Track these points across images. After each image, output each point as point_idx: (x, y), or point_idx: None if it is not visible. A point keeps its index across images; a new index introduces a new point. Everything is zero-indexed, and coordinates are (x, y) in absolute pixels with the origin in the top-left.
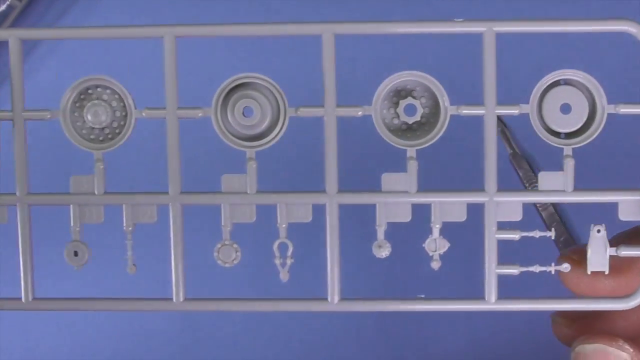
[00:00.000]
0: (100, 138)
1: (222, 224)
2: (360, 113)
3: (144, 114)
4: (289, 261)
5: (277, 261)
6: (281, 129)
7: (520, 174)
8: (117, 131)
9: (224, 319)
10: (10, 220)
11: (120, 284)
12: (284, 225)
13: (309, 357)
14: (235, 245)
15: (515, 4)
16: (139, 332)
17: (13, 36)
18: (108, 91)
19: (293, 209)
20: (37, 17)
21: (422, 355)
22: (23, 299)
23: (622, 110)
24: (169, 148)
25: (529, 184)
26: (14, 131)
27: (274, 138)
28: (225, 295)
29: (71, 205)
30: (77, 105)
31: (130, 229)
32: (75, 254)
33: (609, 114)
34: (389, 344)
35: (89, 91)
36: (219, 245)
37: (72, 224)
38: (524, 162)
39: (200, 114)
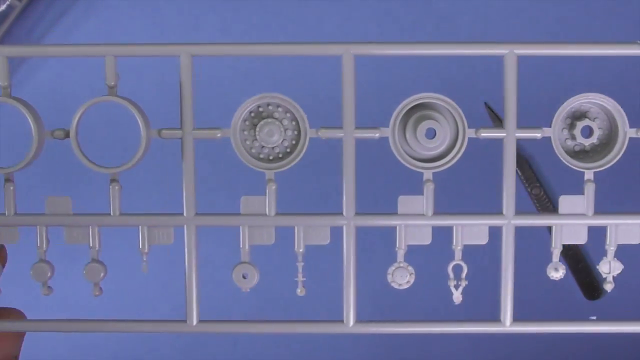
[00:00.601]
0: (270, 157)
1: (241, 245)
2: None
3: (319, 134)
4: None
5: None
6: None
7: (520, 174)
8: (287, 150)
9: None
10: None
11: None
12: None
13: (308, 357)
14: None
15: (515, 3)
16: (140, 332)
17: (185, 53)
18: (280, 109)
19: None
20: (37, 17)
21: (422, 355)
22: (188, 321)
23: None
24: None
25: (529, 184)
26: (183, 149)
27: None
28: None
29: (241, 227)
30: (247, 123)
31: (300, 250)
32: (244, 276)
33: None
34: (389, 344)
35: (260, 109)
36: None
37: (241, 245)
38: (524, 162)
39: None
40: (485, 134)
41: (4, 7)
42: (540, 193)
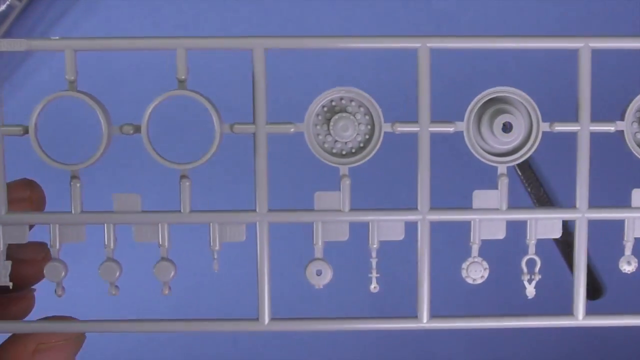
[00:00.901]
0: (343, 152)
1: (314, 242)
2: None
3: (394, 129)
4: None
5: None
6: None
7: (520, 174)
8: (361, 145)
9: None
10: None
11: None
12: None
13: (308, 357)
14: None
15: (515, 3)
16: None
17: (258, 46)
18: (353, 103)
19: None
20: (37, 17)
21: (422, 355)
22: (260, 320)
23: None
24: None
25: (529, 184)
26: (255, 144)
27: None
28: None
29: (314, 223)
30: (319, 118)
31: (374, 246)
32: (318, 273)
33: None
34: (389, 343)
35: (333, 103)
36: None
37: (314, 242)
38: (524, 162)
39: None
40: (560, 127)
41: (4, 7)
42: (540, 193)
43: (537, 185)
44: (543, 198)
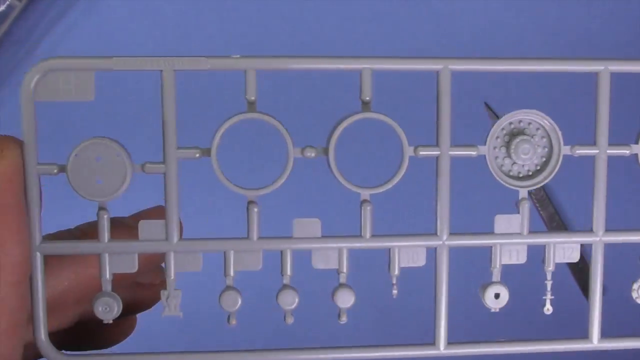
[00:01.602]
0: (520, 175)
1: (492, 266)
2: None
3: (576, 152)
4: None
5: None
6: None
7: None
8: (537, 168)
9: (224, 318)
10: None
11: None
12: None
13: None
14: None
15: (515, 3)
16: (140, 331)
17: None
18: (530, 126)
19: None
20: (37, 17)
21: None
22: (436, 344)
23: None
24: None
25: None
26: (438, 166)
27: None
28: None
29: (492, 247)
30: (498, 140)
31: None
32: (496, 296)
33: None
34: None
35: (511, 125)
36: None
37: (492, 266)
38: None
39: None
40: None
41: (4, 7)
42: (541, 194)
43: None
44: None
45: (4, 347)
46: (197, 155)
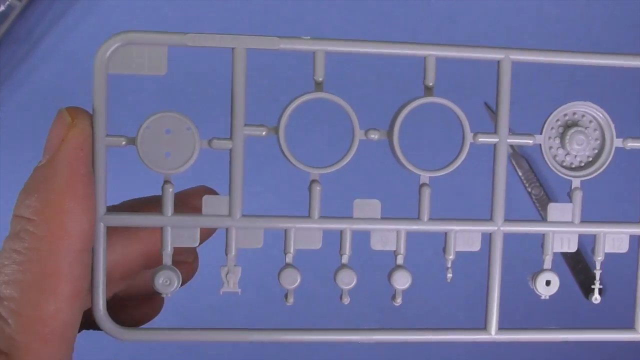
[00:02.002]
0: (573, 165)
1: (544, 254)
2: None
3: (627, 145)
4: None
5: None
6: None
7: (520, 174)
8: (589, 159)
9: (224, 318)
10: None
11: None
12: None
13: (309, 357)
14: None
15: (515, 3)
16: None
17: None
18: (584, 118)
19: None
20: (37, 17)
21: (422, 355)
22: (487, 329)
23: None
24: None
25: (529, 184)
26: (496, 155)
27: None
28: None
29: (545, 234)
30: (553, 131)
31: None
32: (547, 283)
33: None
34: (389, 344)
35: (566, 117)
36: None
37: (544, 254)
38: (523, 162)
39: None
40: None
41: (4, 7)
42: (540, 193)
43: (537, 185)
44: (543, 198)
45: (65, 314)
46: (264, 133)
